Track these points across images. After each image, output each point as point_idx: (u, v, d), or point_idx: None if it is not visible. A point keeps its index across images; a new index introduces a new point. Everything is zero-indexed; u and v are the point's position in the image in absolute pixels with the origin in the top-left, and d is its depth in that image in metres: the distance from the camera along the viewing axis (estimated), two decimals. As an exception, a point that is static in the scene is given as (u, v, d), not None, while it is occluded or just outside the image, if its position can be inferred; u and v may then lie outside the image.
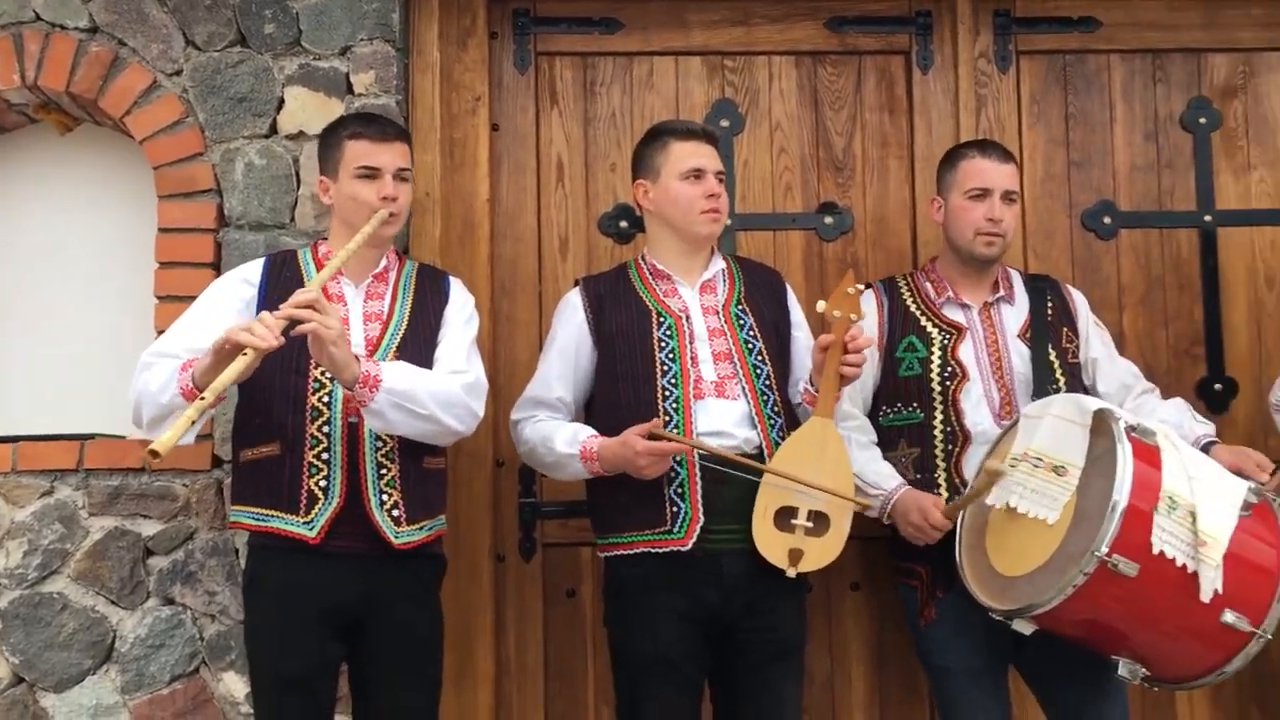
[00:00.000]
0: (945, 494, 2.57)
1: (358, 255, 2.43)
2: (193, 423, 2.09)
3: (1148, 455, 2.27)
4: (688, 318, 2.57)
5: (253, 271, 2.53)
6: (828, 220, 3.21)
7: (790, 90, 3.25)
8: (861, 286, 2.43)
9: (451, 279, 2.66)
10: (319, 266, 2.50)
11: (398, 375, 2.30)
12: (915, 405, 2.64)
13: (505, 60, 3.19)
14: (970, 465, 2.58)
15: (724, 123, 3.21)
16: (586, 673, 3.04)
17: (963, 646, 2.55)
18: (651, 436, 2.37)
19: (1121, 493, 2.17)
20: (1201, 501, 2.23)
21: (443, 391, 2.35)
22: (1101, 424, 2.31)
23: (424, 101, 3.08)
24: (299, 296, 2.21)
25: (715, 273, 2.66)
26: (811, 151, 3.25)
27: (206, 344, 2.23)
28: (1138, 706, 3.12)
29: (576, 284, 2.73)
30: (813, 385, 2.49)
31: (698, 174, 2.56)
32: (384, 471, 2.38)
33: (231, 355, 2.14)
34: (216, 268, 2.91)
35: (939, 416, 2.62)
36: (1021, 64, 3.28)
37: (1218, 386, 3.23)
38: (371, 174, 2.46)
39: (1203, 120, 3.31)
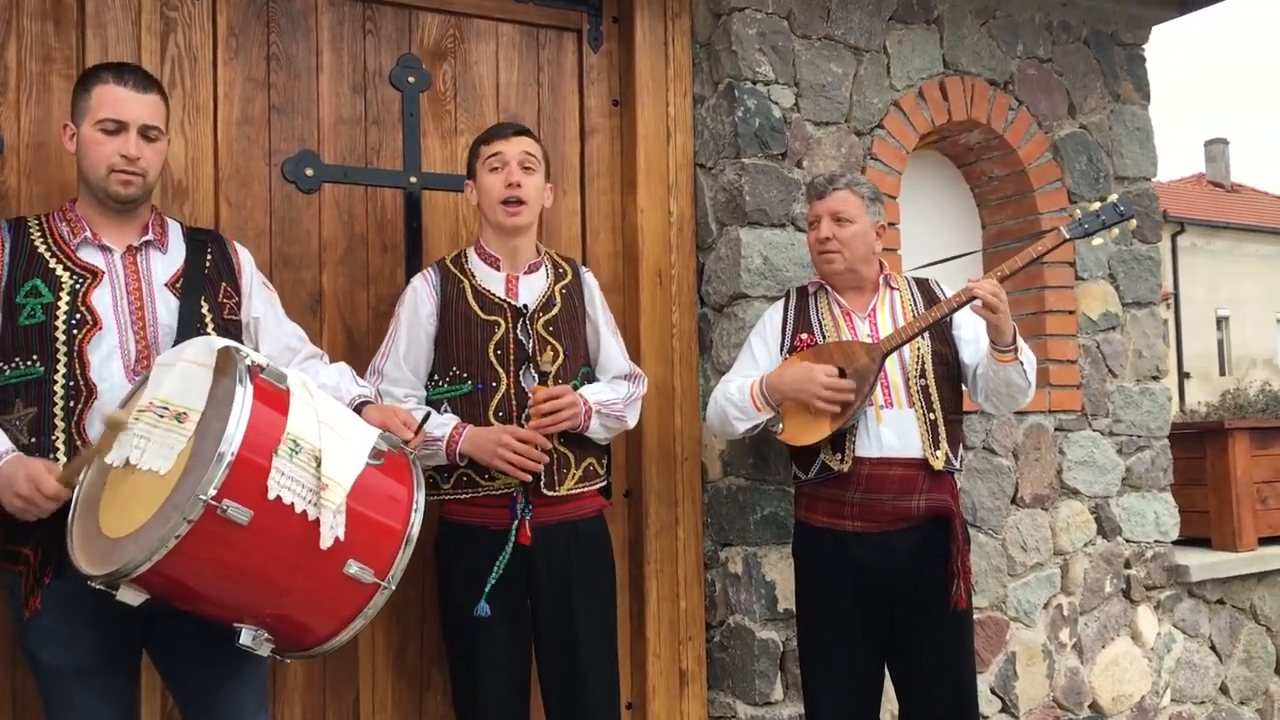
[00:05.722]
0: (64, 458, 2.35)
1: None
2: None
3: (274, 398, 2.24)
4: None
5: None
6: (-32, 141, 2.86)
7: (-80, -22, 2.85)
8: None
9: None
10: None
11: None
12: (36, 358, 2.40)
13: None
14: (94, 424, 2.38)
15: None
16: None
17: (73, 640, 2.36)
18: None
19: (236, 432, 2.10)
20: (328, 446, 2.24)
21: None
22: (227, 363, 2.25)
23: None
24: None
25: None
26: (-49, 56, 2.87)
27: None
28: (319, 682, 3.17)
29: None
30: None
31: None
32: None
33: None
34: None
35: (61, 370, 2.39)
36: (219, -8, 3.19)
37: (411, 349, 3.37)
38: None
39: (412, 79, 3.45)
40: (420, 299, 2.96)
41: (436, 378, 2.95)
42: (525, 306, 2.93)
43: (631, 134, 3.71)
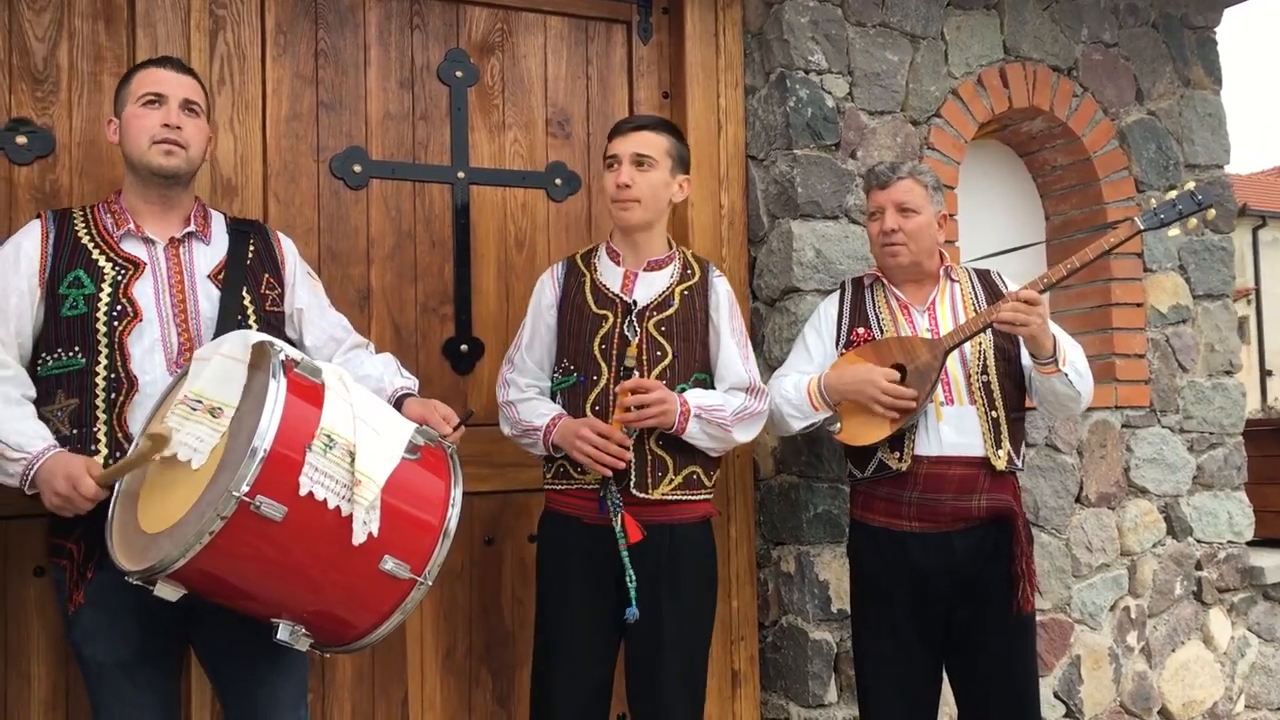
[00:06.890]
0: (105, 451, 2.35)
1: None
2: None
3: (308, 392, 2.21)
4: None
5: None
6: (20, 140, 2.87)
7: (-23, -21, 2.88)
8: None
9: None
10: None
11: None
12: (78, 350, 2.40)
13: None
14: (136, 417, 2.38)
15: (-119, 6, 2.76)
16: None
17: (116, 634, 2.36)
18: None
19: (268, 428, 2.08)
20: (363, 441, 2.21)
21: None
22: (261, 358, 2.23)
23: None
24: None
25: None
26: (3, 57, 2.89)
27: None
28: (369, 679, 3.15)
29: None
30: None
31: None
32: None
33: None
34: None
35: (103, 362, 2.39)
36: (269, -11, 3.19)
37: (464, 347, 3.35)
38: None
39: (459, 74, 3.42)
40: (544, 290, 2.96)
41: (555, 369, 2.93)
42: (635, 302, 2.87)
43: (682, 126, 3.64)
